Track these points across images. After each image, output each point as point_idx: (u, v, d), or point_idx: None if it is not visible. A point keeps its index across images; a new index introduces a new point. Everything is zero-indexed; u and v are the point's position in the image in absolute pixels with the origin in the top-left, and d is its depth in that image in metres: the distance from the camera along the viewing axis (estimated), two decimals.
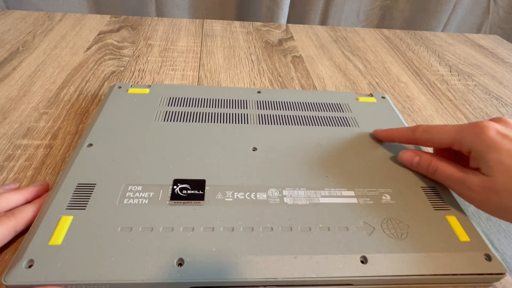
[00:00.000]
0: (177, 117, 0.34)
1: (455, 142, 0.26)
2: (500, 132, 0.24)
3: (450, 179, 0.26)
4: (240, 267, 0.22)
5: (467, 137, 0.25)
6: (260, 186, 0.27)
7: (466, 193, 0.25)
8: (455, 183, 0.26)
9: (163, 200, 0.25)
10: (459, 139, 0.26)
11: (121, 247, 0.22)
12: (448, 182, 0.27)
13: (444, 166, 0.27)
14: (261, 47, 0.58)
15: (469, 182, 0.24)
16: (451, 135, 0.26)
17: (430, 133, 0.28)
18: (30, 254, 0.21)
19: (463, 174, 0.25)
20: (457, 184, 0.26)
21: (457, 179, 0.25)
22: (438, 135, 0.27)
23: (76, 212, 0.24)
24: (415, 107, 0.46)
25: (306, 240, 0.23)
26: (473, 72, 0.57)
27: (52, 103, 0.39)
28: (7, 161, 0.31)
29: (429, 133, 0.28)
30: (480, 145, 0.24)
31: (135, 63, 0.49)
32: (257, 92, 0.39)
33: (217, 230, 0.23)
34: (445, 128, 0.27)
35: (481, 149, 0.24)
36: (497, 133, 0.24)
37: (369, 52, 0.60)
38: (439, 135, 0.27)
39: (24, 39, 0.53)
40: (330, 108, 0.37)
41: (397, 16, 0.96)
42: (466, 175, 0.25)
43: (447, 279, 0.23)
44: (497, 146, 0.23)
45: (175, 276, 0.21)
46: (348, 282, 0.22)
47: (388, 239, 0.24)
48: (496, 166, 0.23)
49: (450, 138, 0.26)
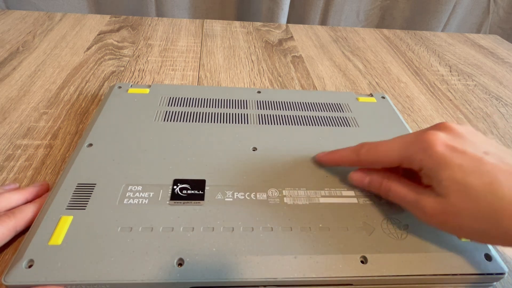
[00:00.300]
0: (177, 117, 0.34)
1: (403, 160, 0.23)
2: (449, 145, 0.21)
3: (403, 201, 0.24)
4: (240, 267, 0.22)
5: (414, 155, 0.22)
6: (260, 186, 0.27)
7: (421, 216, 0.22)
8: (408, 205, 0.23)
9: (163, 200, 0.25)
10: (407, 157, 0.23)
11: (121, 247, 0.22)
12: (402, 204, 0.24)
13: (396, 186, 0.24)
14: (261, 47, 0.58)
15: (423, 206, 0.22)
16: (397, 153, 0.24)
17: (375, 153, 0.25)
18: (30, 254, 0.21)
19: (416, 196, 0.23)
20: (411, 207, 0.23)
21: (410, 201, 0.23)
22: (383, 154, 0.24)
23: (76, 212, 0.24)
24: (415, 107, 0.46)
25: (306, 240, 0.23)
26: (473, 72, 0.57)
27: (52, 103, 0.39)
28: (7, 161, 0.31)
29: (373, 153, 0.25)
30: (430, 163, 0.22)
31: (135, 63, 0.49)
32: (257, 92, 0.39)
33: (217, 230, 0.23)
34: (389, 145, 0.24)
35: (431, 167, 0.22)
36: (446, 147, 0.21)
37: (369, 52, 0.60)
38: (385, 155, 0.24)
39: (24, 39, 0.53)
40: (330, 108, 0.37)
41: (397, 16, 0.96)
42: (420, 197, 0.22)
43: (447, 279, 0.23)
44: (447, 162, 0.21)
45: (175, 276, 0.21)
46: (348, 282, 0.22)
47: (388, 239, 0.24)
48: (450, 185, 0.20)
49: (397, 157, 0.24)
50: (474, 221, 0.20)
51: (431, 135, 0.22)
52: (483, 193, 0.19)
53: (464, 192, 0.20)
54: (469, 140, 0.22)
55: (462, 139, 0.22)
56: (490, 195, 0.19)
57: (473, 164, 0.20)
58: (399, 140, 0.24)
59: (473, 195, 0.20)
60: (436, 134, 0.22)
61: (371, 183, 0.26)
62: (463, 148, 0.21)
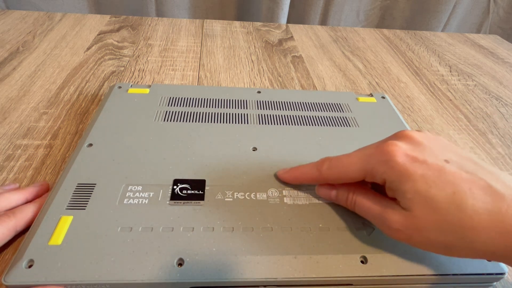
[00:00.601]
0: (177, 117, 0.34)
1: (366, 174, 0.22)
2: (409, 155, 0.21)
3: (369, 215, 0.23)
4: (240, 267, 0.22)
5: (376, 168, 0.22)
6: (260, 186, 0.27)
7: (387, 231, 0.22)
8: (374, 219, 0.23)
9: (163, 200, 0.25)
10: (369, 171, 0.22)
11: (121, 247, 0.22)
12: (369, 218, 0.23)
13: (361, 199, 0.23)
14: (261, 47, 0.58)
15: (388, 221, 0.21)
16: (358, 167, 0.23)
17: (336, 169, 0.24)
18: (30, 254, 0.21)
19: (381, 210, 0.22)
20: (377, 221, 0.22)
21: (375, 215, 0.22)
22: (344, 170, 0.23)
23: (76, 212, 0.24)
24: (415, 107, 0.46)
25: (306, 240, 0.23)
26: (473, 72, 0.57)
27: (52, 103, 0.39)
28: (7, 161, 0.31)
29: (335, 169, 0.24)
30: (392, 175, 0.21)
31: (135, 63, 0.49)
32: (257, 92, 0.39)
33: (217, 230, 0.23)
34: (350, 160, 0.23)
35: (393, 179, 0.21)
36: (406, 157, 0.21)
37: (369, 52, 0.60)
38: (346, 170, 0.23)
39: (24, 39, 0.53)
40: (330, 108, 0.37)
41: (397, 16, 0.96)
42: (385, 211, 0.21)
43: (447, 279, 0.23)
44: (409, 173, 0.20)
45: (175, 276, 0.21)
46: (348, 282, 0.22)
47: (388, 239, 0.24)
48: (413, 197, 0.20)
49: (359, 171, 0.23)
50: (439, 234, 0.19)
51: (391, 146, 0.21)
52: (447, 205, 0.19)
53: (428, 204, 0.19)
54: (429, 148, 0.21)
55: (421, 147, 0.21)
56: (453, 206, 0.19)
57: (435, 175, 0.20)
58: (359, 154, 0.23)
59: (437, 207, 0.19)
60: (396, 145, 0.21)
61: (338, 196, 0.25)
62: (423, 157, 0.21)
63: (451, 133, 0.42)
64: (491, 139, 0.41)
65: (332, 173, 0.24)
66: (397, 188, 0.21)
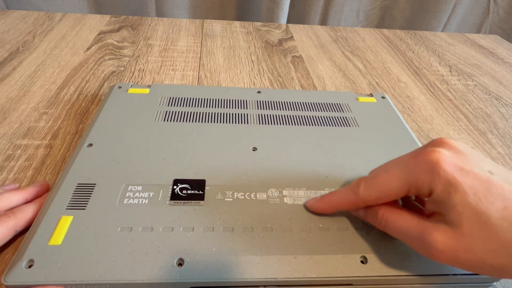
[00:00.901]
0: (177, 117, 0.34)
1: (410, 187, 0.20)
2: (455, 164, 0.19)
3: (404, 235, 0.21)
4: (240, 267, 0.22)
5: (421, 178, 0.19)
6: (260, 186, 0.27)
7: (428, 253, 0.19)
8: (412, 240, 0.20)
9: (163, 200, 0.25)
10: (413, 183, 0.20)
11: (121, 247, 0.22)
12: (403, 239, 0.21)
13: (394, 218, 0.21)
14: (261, 47, 0.58)
15: (431, 241, 0.19)
16: (401, 181, 0.20)
17: (375, 188, 0.22)
18: (30, 254, 0.21)
19: (421, 229, 0.20)
20: (414, 243, 0.20)
21: (413, 236, 0.20)
22: (386, 187, 0.21)
23: (76, 212, 0.24)
24: (415, 107, 0.46)
25: (306, 240, 0.23)
26: (473, 72, 0.57)
27: (52, 103, 0.39)
28: (7, 161, 0.31)
29: (373, 188, 0.22)
30: (439, 185, 0.19)
31: (135, 63, 0.49)
32: (257, 92, 0.39)
33: (217, 230, 0.23)
34: (389, 175, 0.21)
35: (441, 190, 0.19)
36: (453, 166, 0.19)
37: (369, 52, 0.60)
38: (387, 187, 0.21)
39: (24, 39, 0.53)
40: (330, 108, 0.37)
41: (397, 16, 0.96)
42: (426, 231, 0.19)
43: (447, 279, 0.23)
44: (458, 183, 0.18)
45: (175, 276, 0.21)
46: (348, 282, 0.22)
47: (388, 239, 0.24)
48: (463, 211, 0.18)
49: (402, 185, 0.20)
50: (491, 255, 0.17)
51: (434, 153, 0.19)
52: (499, 221, 0.17)
53: (479, 219, 0.17)
54: (470, 158, 0.20)
55: (464, 156, 0.20)
56: (506, 223, 0.17)
57: (483, 187, 0.18)
58: (396, 167, 0.21)
59: (489, 223, 0.17)
60: (439, 152, 0.19)
61: (368, 213, 0.23)
62: (469, 167, 0.19)
63: (451, 133, 0.42)
64: (491, 139, 0.41)
65: (371, 193, 0.22)
66: (445, 200, 0.19)
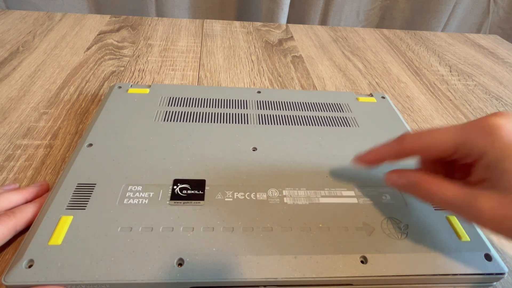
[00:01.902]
0: (177, 117, 0.34)
1: (460, 145, 0.20)
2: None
3: (450, 203, 0.20)
4: (240, 267, 0.22)
5: (475, 140, 0.20)
6: (260, 186, 0.27)
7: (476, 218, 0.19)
8: (457, 208, 0.20)
9: (163, 200, 0.25)
10: (462, 143, 0.20)
11: (121, 247, 0.22)
12: (448, 207, 0.21)
13: (439, 186, 0.21)
14: (261, 47, 0.58)
15: (478, 208, 0.19)
16: (452, 137, 0.21)
17: (425, 137, 0.22)
18: (30, 254, 0.21)
19: (468, 196, 0.19)
20: (460, 209, 0.20)
21: (460, 202, 0.20)
22: (434, 139, 0.21)
23: (76, 212, 0.24)
24: (415, 107, 0.46)
25: (306, 240, 0.23)
26: (473, 72, 0.57)
27: (52, 103, 0.39)
28: (7, 161, 0.31)
29: (422, 138, 0.22)
30: (495, 150, 0.19)
31: (135, 63, 0.49)
32: (257, 92, 0.39)
33: (217, 230, 0.23)
34: (442, 130, 0.21)
35: (495, 155, 0.19)
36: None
37: (369, 52, 0.60)
38: (437, 140, 0.21)
39: (24, 39, 0.53)
40: (330, 108, 0.37)
41: (397, 16, 0.96)
42: (473, 197, 0.19)
43: (447, 279, 0.23)
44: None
45: (175, 276, 0.21)
46: (348, 282, 0.22)
47: (388, 239, 0.24)
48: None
49: (452, 142, 0.20)
50: None
51: (494, 119, 0.20)
52: None
53: None
54: None
55: None
56: None
57: None
58: (453, 126, 0.21)
59: None
60: (500, 119, 0.20)
61: (409, 183, 0.23)
62: None
63: None
64: None
65: (417, 142, 0.22)
66: (497, 165, 0.19)
